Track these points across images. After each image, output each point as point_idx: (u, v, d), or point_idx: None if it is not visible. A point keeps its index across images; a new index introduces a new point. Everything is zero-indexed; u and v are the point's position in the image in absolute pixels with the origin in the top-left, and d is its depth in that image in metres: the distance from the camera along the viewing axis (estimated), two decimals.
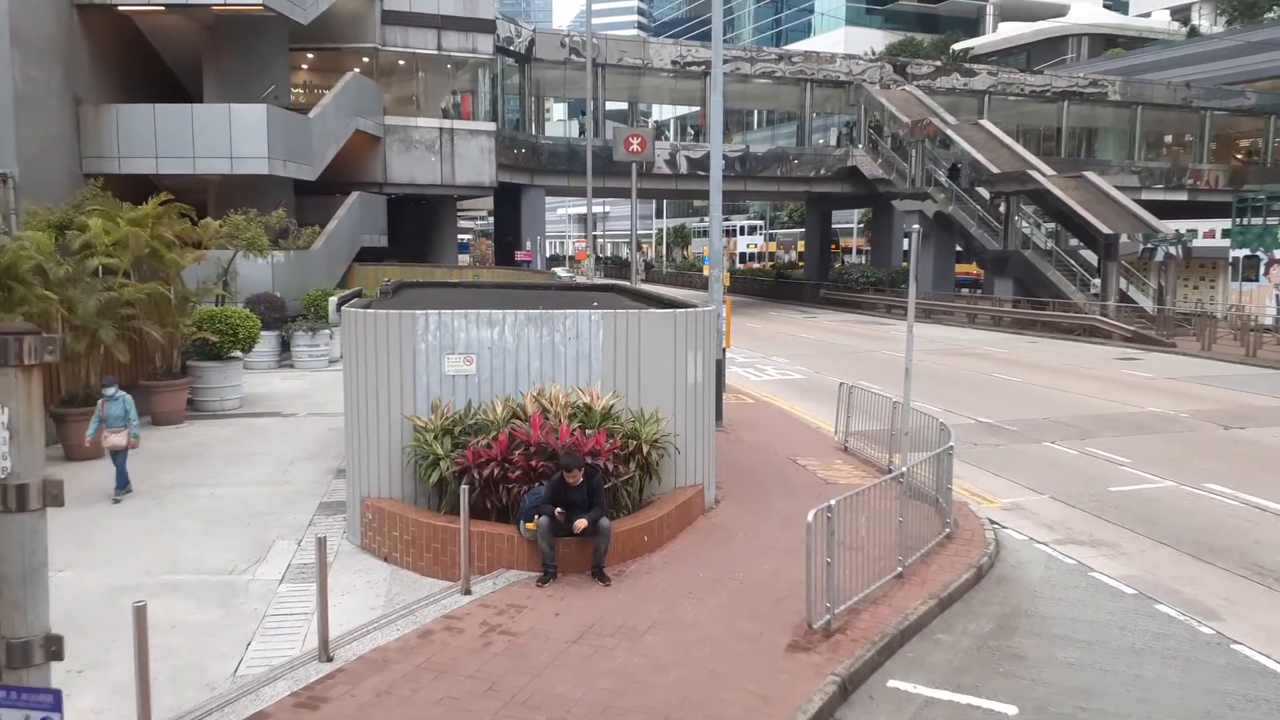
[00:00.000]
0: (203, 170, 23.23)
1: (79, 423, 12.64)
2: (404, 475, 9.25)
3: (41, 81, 20.72)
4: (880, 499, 8.76)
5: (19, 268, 11.74)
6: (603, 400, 9.36)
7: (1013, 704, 6.43)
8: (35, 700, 3.37)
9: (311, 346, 21.93)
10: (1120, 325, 29.82)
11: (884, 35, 79.68)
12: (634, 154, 26.55)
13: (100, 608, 7.64)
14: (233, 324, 16.52)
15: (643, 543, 8.92)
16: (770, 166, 43.10)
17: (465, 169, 33.73)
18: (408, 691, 6.19)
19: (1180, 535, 10.12)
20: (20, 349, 3.27)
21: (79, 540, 9.24)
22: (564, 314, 9.62)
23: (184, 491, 11.14)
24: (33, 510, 3.36)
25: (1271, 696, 6.61)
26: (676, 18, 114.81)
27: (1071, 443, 14.43)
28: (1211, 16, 69.26)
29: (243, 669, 6.72)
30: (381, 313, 9.45)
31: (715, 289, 15.75)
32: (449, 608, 7.60)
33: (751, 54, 45.23)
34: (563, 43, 40.15)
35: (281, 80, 26.76)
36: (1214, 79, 50.70)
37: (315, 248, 25.08)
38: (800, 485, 11.61)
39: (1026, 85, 47.63)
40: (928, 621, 7.70)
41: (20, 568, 3.36)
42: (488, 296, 13.71)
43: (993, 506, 11.19)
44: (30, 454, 3.35)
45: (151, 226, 14.66)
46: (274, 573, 8.60)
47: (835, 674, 6.50)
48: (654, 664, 6.64)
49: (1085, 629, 7.72)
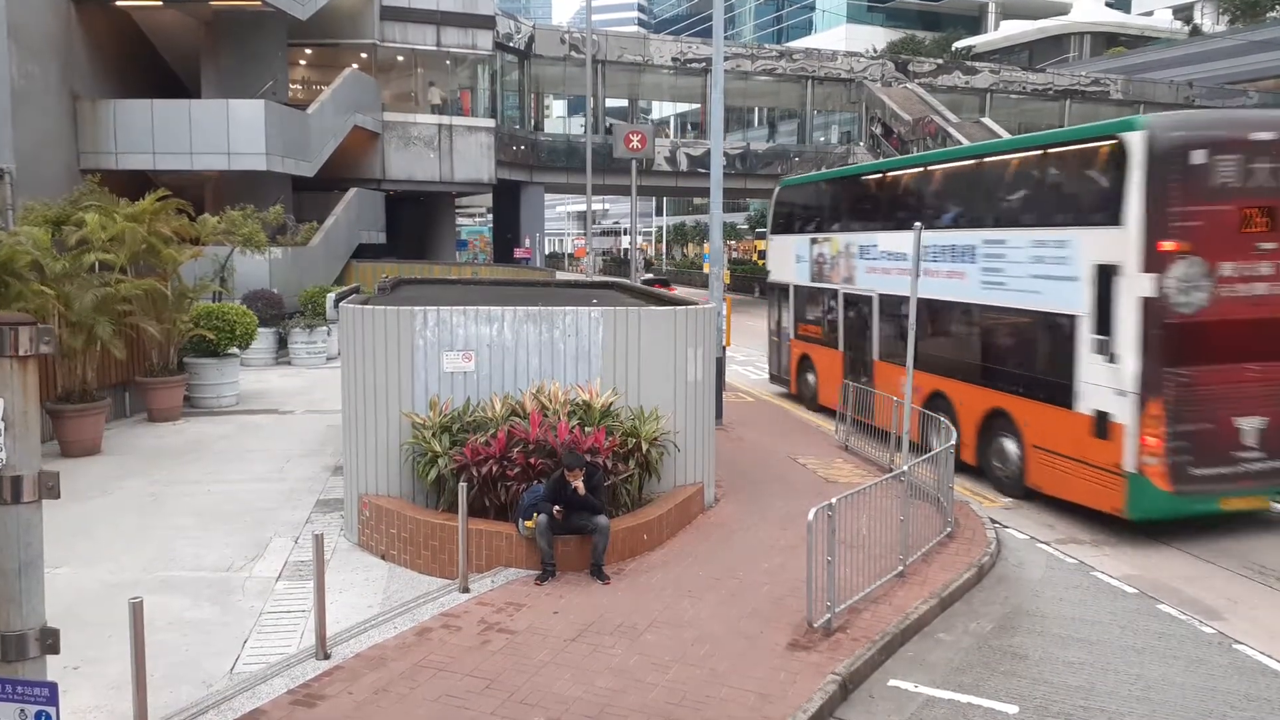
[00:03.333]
0: (200, 166, 23.17)
1: (75, 419, 12.61)
2: (402, 472, 9.21)
3: (39, 77, 20.66)
4: (881, 498, 8.74)
5: (15, 263, 11.69)
6: (602, 398, 9.32)
7: (1014, 703, 6.40)
8: (31, 693, 3.34)
9: (309, 343, 21.88)
10: None
11: (885, 33, 79.55)
12: (634, 151, 26.51)
13: (96, 604, 7.59)
14: (230, 321, 16.46)
15: (642, 541, 8.88)
16: (771, 164, 43.07)
17: (464, 166, 33.69)
18: (405, 689, 6.16)
19: (1182, 535, 10.09)
20: (16, 339, 3.24)
21: (75, 536, 9.19)
22: (563, 311, 9.59)
23: (181, 488, 11.09)
24: (28, 502, 3.33)
25: (1273, 696, 6.59)
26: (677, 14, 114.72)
27: None
28: (1214, 16, 69.24)
29: (240, 666, 6.68)
30: (380, 309, 9.41)
31: (715, 287, 15.71)
32: (447, 605, 7.56)
33: (752, 51, 45.23)
34: (562, 39, 40.10)
35: (280, 76, 26.71)
36: (1216, 78, 50.66)
37: (313, 244, 25.04)
38: (800, 484, 11.58)
39: (1028, 83, 47.62)
40: (929, 620, 7.67)
41: (15, 560, 3.34)
42: (487, 293, 13.68)
43: (994, 506, 11.16)
44: (26, 445, 3.32)
45: (149, 222, 14.60)
46: (271, 570, 8.56)
47: (836, 673, 6.47)
48: (653, 662, 6.60)
49: (1086, 628, 7.70)
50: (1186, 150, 9.41)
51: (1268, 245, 9.56)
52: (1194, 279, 9.39)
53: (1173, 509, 9.65)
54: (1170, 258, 9.35)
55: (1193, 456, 9.53)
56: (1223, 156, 9.45)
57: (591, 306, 9.82)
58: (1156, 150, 9.35)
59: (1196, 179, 9.40)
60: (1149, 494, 9.21)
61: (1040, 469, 10.76)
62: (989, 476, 11.81)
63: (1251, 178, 9.53)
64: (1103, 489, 9.59)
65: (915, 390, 11.24)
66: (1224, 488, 9.75)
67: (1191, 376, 9.46)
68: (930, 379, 12.74)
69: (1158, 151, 9.35)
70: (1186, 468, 9.51)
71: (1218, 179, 9.46)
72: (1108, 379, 9.75)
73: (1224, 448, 9.65)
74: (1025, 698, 6.49)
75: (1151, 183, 9.35)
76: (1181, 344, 9.45)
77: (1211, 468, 9.64)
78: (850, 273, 15.36)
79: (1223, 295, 9.47)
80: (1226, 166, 9.47)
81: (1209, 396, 9.54)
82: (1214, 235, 9.44)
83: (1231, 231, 9.51)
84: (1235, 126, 10.23)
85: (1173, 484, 9.45)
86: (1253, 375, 9.70)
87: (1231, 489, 9.79)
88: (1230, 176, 9.47)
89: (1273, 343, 9.72)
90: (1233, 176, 9.47)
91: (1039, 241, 10.94)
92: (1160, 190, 9.35)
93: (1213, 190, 9.45)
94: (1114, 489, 9.44)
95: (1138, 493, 9.19)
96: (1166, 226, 9.35)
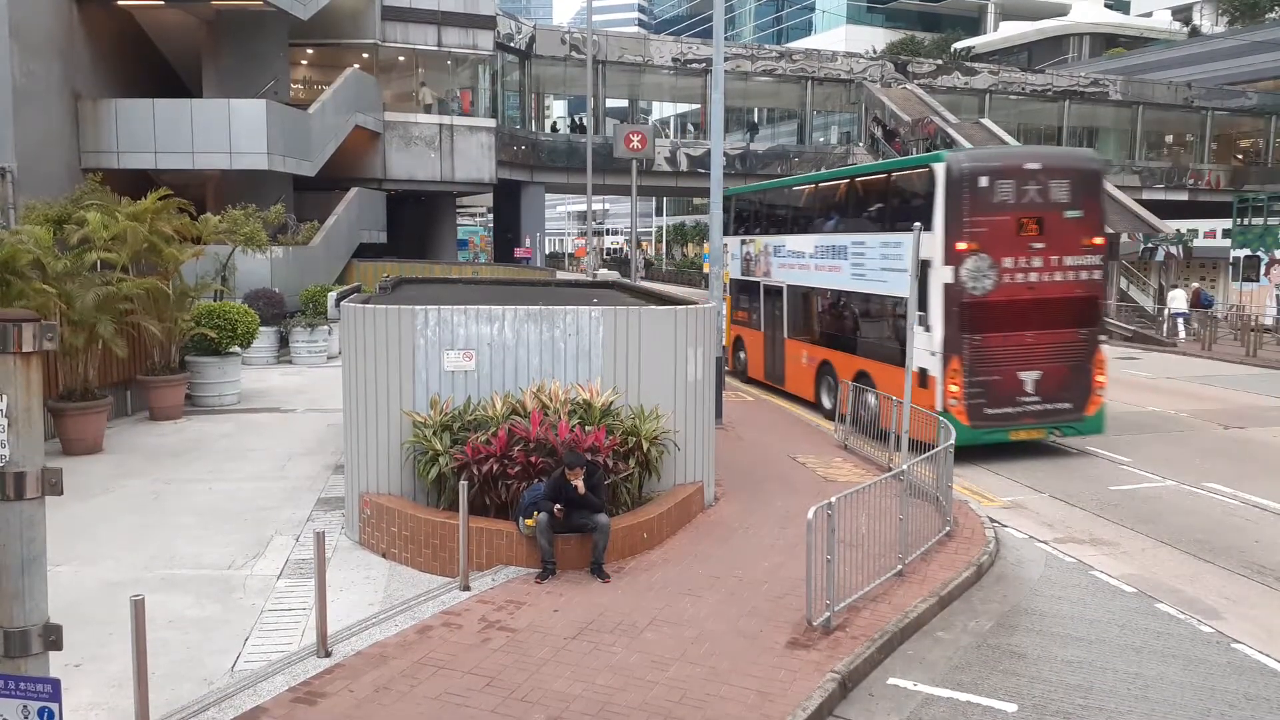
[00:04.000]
0: (202, 165, 23.18)
1: (77, 417, 12.63)
2: (403, 471, 9.23)
3: (41, 76, 20.67)
4: (880, 497, 8.75)
5: (17, 262, 11.71)
6: (602, 397, 9.34)
7: (1012, 701, 6.42)
8: (33, 690, 3.36)
9: (310, 342, 21.90)
10: (1120, 325, 29.82)
11: (885, 34, 79.54)
12: (634, 151, 26.53)
13: (98, 602, 7.61)
14: (231, 319, 16.48)
15: (642, 540, 8.90)
16: (771, 164, 43.05)
17: (465, 165, 33.69)
18: (406, 687, 6.17)
19: (1180, 534, 10.12)
20: (19, 336, 3.25)
21: (77, 534, 9.22)
22: (564, 310, 9.60)
23: (182, 486, 11.11)
24: (30, 498, 3.35)
25: (1271, 695, 6.60)
26: (677, 15, 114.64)
27: (1071, 441, 14.42)
28: (1213, 16, 69.23)
29: (241, 664, 6.70)
30: (381, 308, 9.43)
31: (715, 286, 15.73)
32: (448, 604, 7.58)
33: (752, 51, 45.21)
34: (563, 39, 40.09)
35: (281, 76, 26.72)
36: (1215, 79, 50.62)
37: (314, 244, 25.05)
38: (800, 483, 11.60)
39: (1027, 84, 47.60)
40: (928, 619, 7.69)
41: (18, 557, 3.35)
42: (487, 293, 13.69)
43: (993, 505, 11.18)
44: (28, 442, 3.33)
45: (150, 221, 14.61)
46: (272, 568, 8.57)
47: (835, 671, 6.49)
48: (653, 661, 6.62)
49: (1085, 627, 7.71)
50: (975, 176, 12.56)
51: (1038, 245, 12.82)
52: (982, 270, 12.57)
53: (973, 439, 12.59)
54: (964, 254, 12.52)
55: (985, 400, 12.76)
56: (1002, 180, 12.66)
57: (592, 306, 9.84)
58: (953, 176, 12.53)
59: (983, 197, 12.55)
60: (955, 428, 10.82)
61: (889, 414, 12.57)
62: (857, 423, 13.83)
63: (1024, 196, 12.75)
64: (926, 426, 11.41)
65: (810, 360, 15.63)
66: (1011, 424, 12.99)
67: (982, 341, 12.69)
68: (821, 350, 16.35)
69: (954, 176, 12.52)
70: (981, 409, 12.76)
71: (999, 197, 12.62)
72: (925, 344, 12.62)
73: (1009, 394, 12.87)
74: (1024, 696, 6.50)
75: (950, 200, 12.53)
76: (974, 317, 12.61)
77: (1000, 409, 12.88)
78: (768, 268, 18.70)
79: (1004, 281, 12.67)
80: (1005, 188, 12.66)
81: (996, 356, 12.78)
82: (996, 238, 12.61)
83: (1010, 235, 12.69)
84: (1011, 158, 13.78)
85: (971, 421, 12.62)
86: (1029, 340, 12.91)
87: (1017, 425, 13.04)
88: (1008, 195, 12.68)
89: (1042, 316, 12.87)
90: (1010, 195, 12.68)
91: (884, 243, 14.09)
92: (956, 205, 12.51)
93: (995, 205, 12.61)
94: (931, 425, 11.23)
95: (947, 428, 10.84)
96: (961, 231, 12.48)
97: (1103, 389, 13.45)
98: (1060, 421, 13.19)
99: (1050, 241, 12.81)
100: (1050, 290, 12.86)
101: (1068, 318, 13.05)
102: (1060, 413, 13.13)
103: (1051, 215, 12.84)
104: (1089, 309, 13.32)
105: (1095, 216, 13.28)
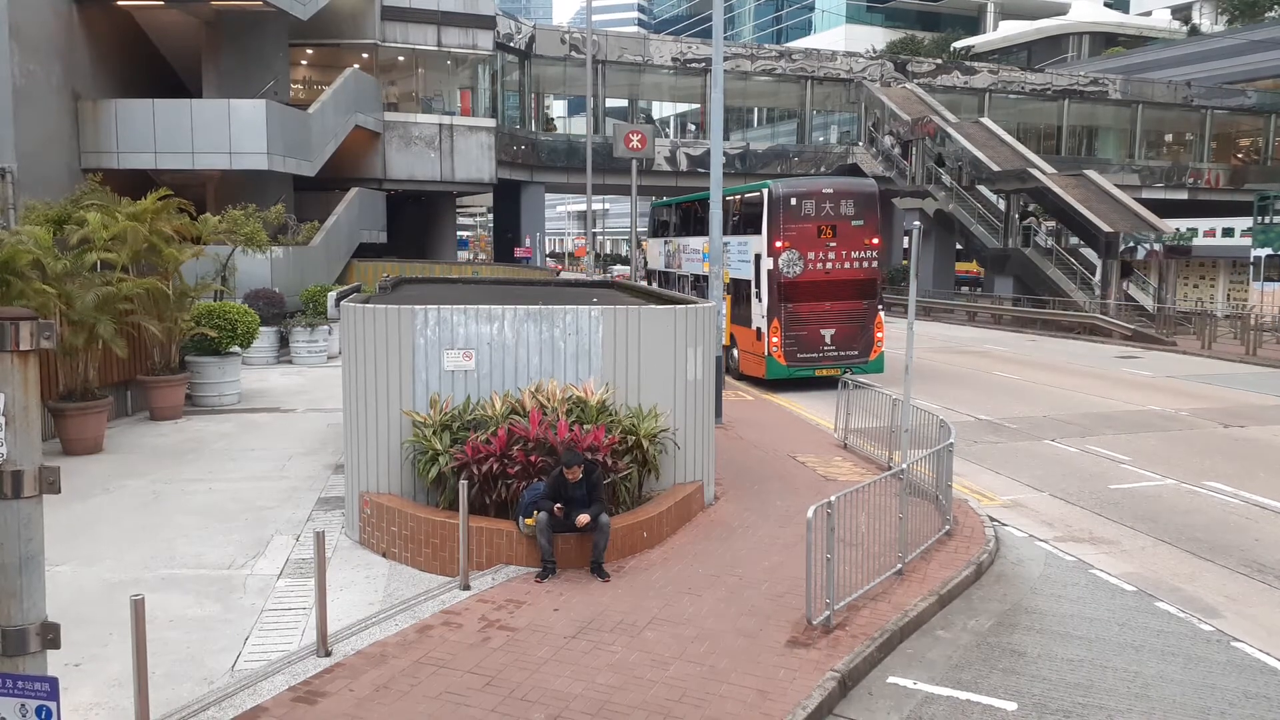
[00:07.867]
0: (202, 165, 23.20)
1: (77, 417, 12.63)
2: (402, 470, 9.23)
3: (41, 77, 20.69)
4: (880, 496, 8.75)
5: (17, 262, 11.70)
6: (597, 394, 9.34)
7: (1012, 700, 6.42)
8: (31, 688, 3.36)
9: (310, 342, 21.91)
10: (1120, 324, 29.81)
11: (885, 33, 79.51)
12: (634, 150, 26.54)
13: (98, 602, 7.61)
14: (231, 319, 16.48)
15: (642, 539, 8.90)
16: (770, 164, 43.06)
17: (465, 165, 33.73)
18: (406, 686, 6.17)
19: (1180, 533, 10.11)
20: (17, 334, 3.25)
21: (77, 534, 9.22)
22: (563, 310, 9.60)
23: (182, 486, 11.12)
24: (28, 497, 3.35)
25: (1271, 694, 6.60)
26: (677, 15, 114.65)
27: (1071, 440, 14.42)
28: (1212, 15, 69.26)
29: (241, 663, 6.70)
30: (380, 308, 9.42)
31: (715, 286, 15.72)
32: (447, 603, 7.58)
33: (752, 51, 45.21)
34: (563, 39, 40.10)
35: (281, 76, 26.74)
36: (1214, 78, 50.64)
37: (314, 243, 25.06)
38: (800, 482, 11.60)
39: (1027, 83, 47.62)
40: (927, 618, 7.68)
41: (16, 555, 3.35)
42: (487, 292, 13.69)
43: (993, 504, 11.18)
44: (26, 440, 3.33)
45: (150, 222, 14.61)
46: (272, 568, 8.57)
47: (835, 670, 6.48)
48: (653, 659, 6.62)
49: (1085, 626, 7.71)
50: (789, 197, 18.67)
51: (832, 244, 18.76)
52: (793, 260, 18.54)
53: (789, 374, 18.80)
54: (781, 250, 18.51)
55: (797, 348, 18.78)
56: (807, 200, 18.72)
57: (591, 305, 9.83)
58: (773, 197, 18.68)
59: (793, 211, 18.60)
60: (776, 367, 18.55)
61: (743, 362, 20.01)
62: (730, 372, 19.62)
63: (822, 211, 18.76)
64: (759, 366, 18.92)
65: None
66: (815, 364, 18.94)
67: (794, 308, 18.65)
68: None
69: (774, 198, 18.67)
70: (795, 353, 18.78)
71: (804, 211, 18.64)
72: (759, 311, 19.04)
73: (814, 344, 18.87)
74: (1024, 695, 6.50)
75: (771, 213, 18.67)
76: (789, 292, 18.60)
77: (808, 354, 18.90)
78: (680, 262, 24.65)
79: (809, 268, 18.65)
80: (808, 205, 18.70)
81: (804, 318, 18.72)
82: (803, 239, 18.64)
83: (812, 237, 18.68)
84: (814, 185, 19.53)
85: (787, 362, 18.74)
86: (826, 308, 18.81)
87: (819, 365, 18.94)
88: (810, 210, 18.68)
89: (836, 292, 18.86)
90: (812, 210, 18.69)
91: (741, 243, 20.01)
92: (776, 217, 18.61)
93: (802, 217, 18.63)
94: (761, 366, 18.83)
95: (771, 367, 18.68)
96: (779, 234, 18.54)
97: (881, 341, 19.41)
98: (850, 363, 18.69)
99: (841, 241, 18.77)
100: (841, 275, 18.85)
101: (854, 293, 19.03)
102: (850, 357, 18.98)
103: (842, 224, 18.78)
104: (869, 287, 19.23)
105: (873, 224, 19.13)
